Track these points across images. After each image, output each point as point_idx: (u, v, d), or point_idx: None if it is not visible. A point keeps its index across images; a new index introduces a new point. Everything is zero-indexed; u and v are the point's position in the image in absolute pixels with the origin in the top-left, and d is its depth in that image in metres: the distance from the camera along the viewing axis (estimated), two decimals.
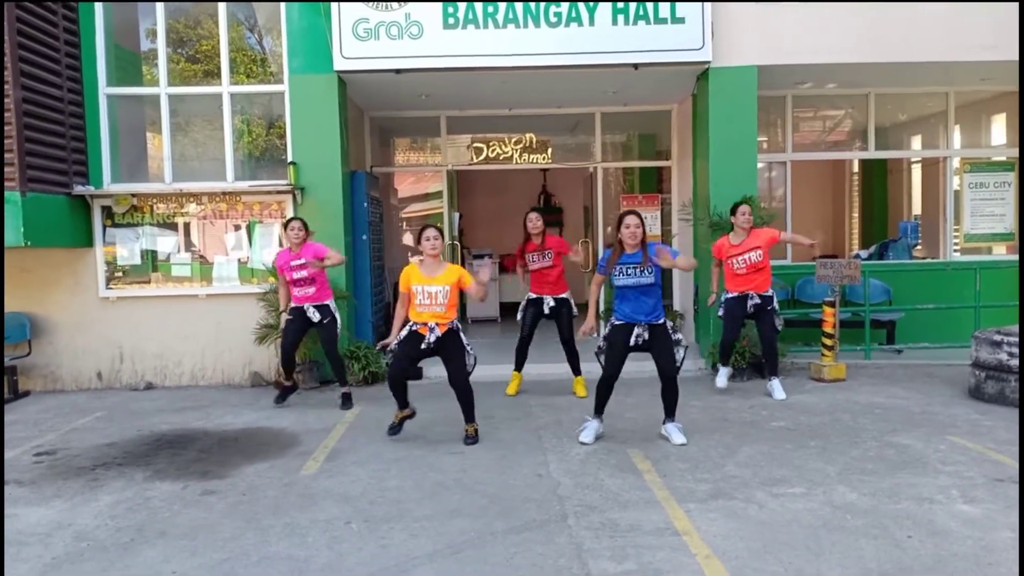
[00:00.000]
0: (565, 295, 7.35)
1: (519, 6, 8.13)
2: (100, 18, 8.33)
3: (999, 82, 9.54)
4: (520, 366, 7.64)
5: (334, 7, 8.12)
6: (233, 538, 4.18)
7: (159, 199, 8.47)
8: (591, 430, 5.84)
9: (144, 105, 9.07)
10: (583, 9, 8.17)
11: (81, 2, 8.21)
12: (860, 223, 13.13)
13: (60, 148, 7.90)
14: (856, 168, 13.28)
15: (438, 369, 5.94)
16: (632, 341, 5.65)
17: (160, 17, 8.40)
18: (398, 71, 8.27)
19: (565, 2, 8.15)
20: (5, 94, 7.09)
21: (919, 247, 10.93)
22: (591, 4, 8.16)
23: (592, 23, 8.19)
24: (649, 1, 8.15)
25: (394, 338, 5.86)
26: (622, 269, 5.62)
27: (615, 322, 5.75)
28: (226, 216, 8.56)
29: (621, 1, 8.15)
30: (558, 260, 7.32)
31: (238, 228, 8.57)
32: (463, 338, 5.90)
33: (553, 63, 8.29)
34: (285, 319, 7.14)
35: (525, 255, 7.40)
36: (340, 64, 8.19)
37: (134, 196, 8.42)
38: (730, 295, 7.27)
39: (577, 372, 7.47)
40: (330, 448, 5.88)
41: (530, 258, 7.35)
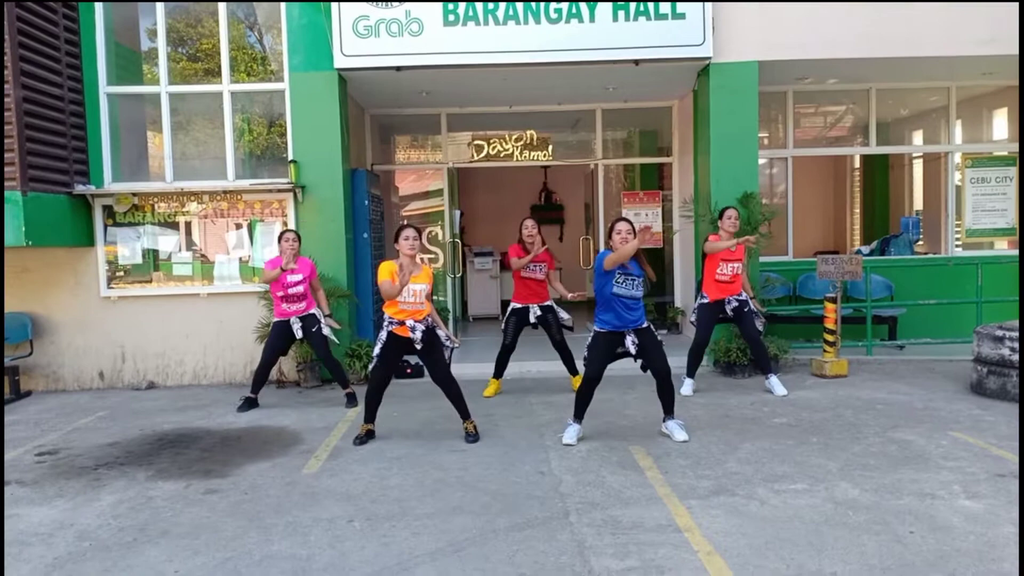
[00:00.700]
0: (550, 302, 7.33)
1: (519, 3, 8.12)
2: (100, 17, 8.32)
3: (1001, 76, 9.52)
4: (500, 373, 7.56)
5: (334, 5, 8.11)
6: (235, 537, 4.18)
7: (160, 198, 8.46)
8: (572, 433, 5.81)
9: (145, 104, 9.06)
10: (583, 6, 8.15)
11: (81, 1, 8.20)
12: (861, 219, 13.10)
13: (61, 147, 7.90)
14: (857, 163, 13.25)
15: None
16: (631, 348, 5.64)
17: (160, 16, 8.39)
18: (398, 68, 8.26)
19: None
20: (5, 94, 7.09)
21: (921, 242, 10.91)
22: (591, 1, 8.14)
23: (592, 19, 8.17)
24: None
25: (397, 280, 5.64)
26: (625, 280, 5.55)
27: (599, 330, 5.70)
28: (227, 215, 8.55)
29: None
30: (547, 273, 7.28)
31: (239, 227, 8.57)
32: (440, 334, 5.91)
33: (554, 60, 8.27)
34: (275, 330, 7.20)
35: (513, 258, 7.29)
36: (340, 62, 8.19)
37: (135, 195, 8.42)
38: (705, 300, 7.29)
39: (574, 372, 7.45)
40: (332, 446, 5.88)
41: (514, 263, 7.24)
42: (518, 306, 7.30)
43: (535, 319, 7.25)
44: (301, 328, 7.12)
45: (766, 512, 4.31)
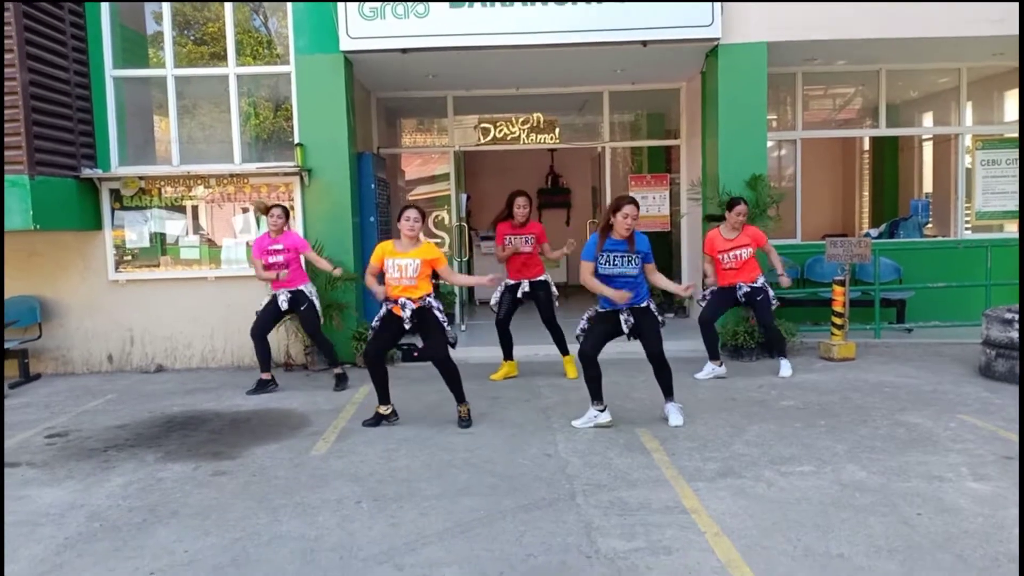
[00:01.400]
0: (543, 277, 7.27)
1: None
2: None
3: (1011, 57, 9.40)
4: (508, 354, 7.50)
5: None
6: (244, 518, 4.21)
7: (167, 182, 8.46)
8: (600, 415, 5.76)
9: (151, 87, 9.05)
10: None
11: None
12: (870, 201, 13.02)
13: (68, 131, 7.90)
14: (867, 146, 13.15)
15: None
16: (624, 328, 5.60)
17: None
18: (404, 51, 8.22)
19: None
20: (12, 77, 7.09)
21: (930, 225, 10.84)
22: None
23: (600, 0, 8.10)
24: None
25: (379, 289, 5.87)
26: (608, 257, 5.51)
27: (599, 309, 5.69)
28: (234, 199, 8.55)
29: None
30: (537, 246, 7.25)
31: (246, 211, 8.57)
32: (440, 316, 5.84)
33: (560, 41, 8.21)
34: (264, 303, 7.27)
35: (503, 237, 7.27)
36: (346, 44, 8.15)
37: (142, 179, 8.42)
38: (718, 287, 7.28)
39: (564, 352, 7.42)
40: (340, 428, 5.91)
41: (509, 240, 7.22)
42: (510, 282, 7.28)
43: (522, 295, 7.20)
44: (287, 301, 7.13)
45: (773, 494, 4.31)
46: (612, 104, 10.55)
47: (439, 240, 11.18)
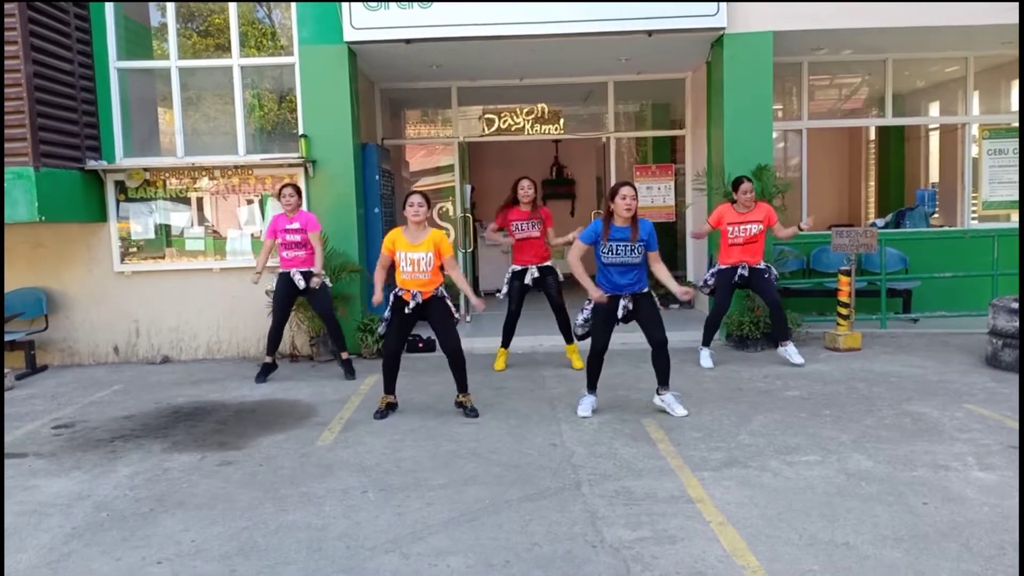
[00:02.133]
0: (550, 263, 7.28)
1: None
2: None
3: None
4: (507, 343, 7.52)
5: None
6: (251, 507, 4.22)
7: (172, 173, 8.47)
8: (587, 404, 5.82)
9: (155, 79, 9.04)
10: None
11: None
12: (876, 191, 12.98)
13: (72, 123, 7.90)
14: (873, 135, 13.10)
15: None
16: (619, 313, 5.59)
17: None
18: (408, 41, 8.20)
19: None
20: (16, 69, 7.08)
21: (936, 215, 10.80)
22: None
23: None
24: None
25: (379, 293, 5.85)
26: (611, 246, 5.49)
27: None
28: (239, 190, 8.56)
29: None
30: (544, 230, 7.24)
31: (251, 202, 8.57)
32: (450, 304, 5.85)
33: (565, 31, 8.17)
34: (273, 290, 7.29)
35: (510, 223, 7.27)
36: (350, 35, 8.12)
37: (147, 170, 8.43)
38: (721, 267, 7.27)
39: (569, 340, 7.40)
40: (345, 419, 5.92)
41: (517, 226, 7.21)
42: (517, 268, 7.26)
43: (531, 280, 7.19)
44: (303, 279, 7.13)
45: (778, 483, 4.31)
46: (617, 94, 10.51)
47: (444, 231, 11.12)
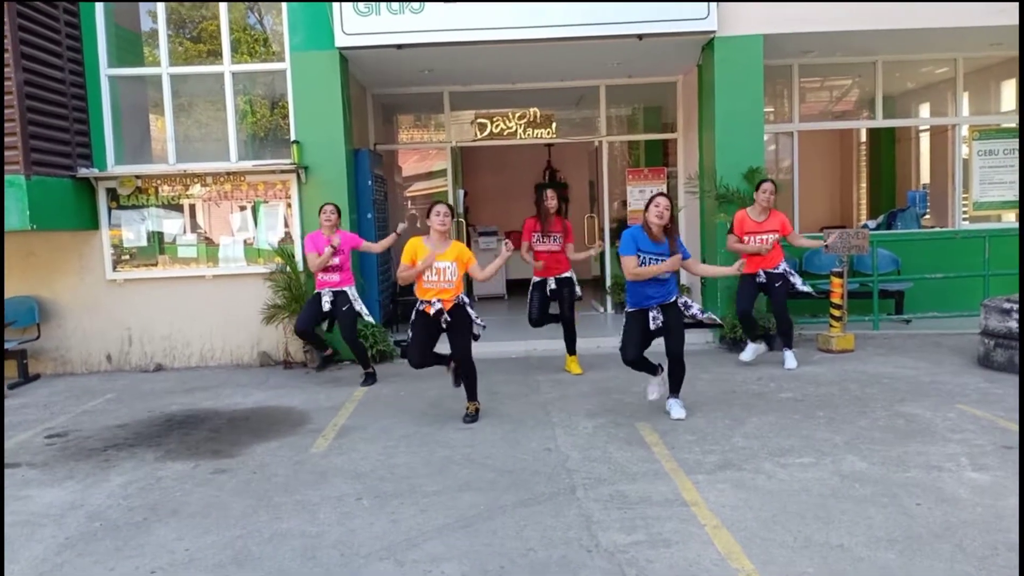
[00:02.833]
0: (568, 274, 7.30)
1: None
2: None
3: (1009, 47, 9.38)
4: (570, 348, 7.48)
5: None
6: (245, 516, 4.21)
7: (164, 180, 8.45)
8: (655, 385, 5.85)
9: (146, 86, 9.02)
10: None
11: None
12: (868, 193, 13.02)
13: (63, 131, 7.88)
14: (864, 137, 13.15)
15: (443, 346, 5.93)
16: (651, 325, 5.57)
17: None
18: (399, 46, 8.20)
19: None
20: (7, 77, 7.07)
21: (928, 216, 10.84)
22: None
23: None
24: None
25: (419, 264, 5.68)
26: (644, 258, 5.48)
27: (628, 311, 5.70)
28: (231, 197, 8.54)
29: None
30: (564, 245, 7.26)
31: (243, 209, 8.56)
32: (471, 312, 5.85)
33: (556, 35, 8.19)
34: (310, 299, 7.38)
35: (532, 234, 7.26)
36: (341, 40, 8.13)
37: (138, 178, 8.40)
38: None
39: (572, 351, 7.46)
40: (339, 426, 5.91)
41: (537, 238, 7.25)
42: (537, 280, 7.32)
43: (550, 292, 7.26)
44: (331, 302, 7.13)
45: (773, 486, 4.32)
46: (609, 98, 10.54)
47: None
